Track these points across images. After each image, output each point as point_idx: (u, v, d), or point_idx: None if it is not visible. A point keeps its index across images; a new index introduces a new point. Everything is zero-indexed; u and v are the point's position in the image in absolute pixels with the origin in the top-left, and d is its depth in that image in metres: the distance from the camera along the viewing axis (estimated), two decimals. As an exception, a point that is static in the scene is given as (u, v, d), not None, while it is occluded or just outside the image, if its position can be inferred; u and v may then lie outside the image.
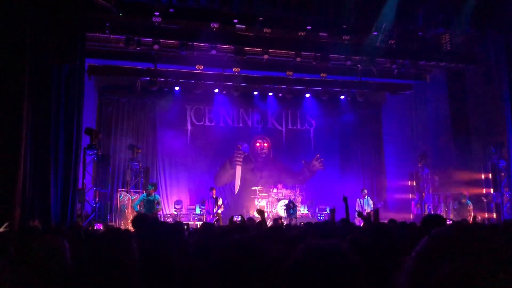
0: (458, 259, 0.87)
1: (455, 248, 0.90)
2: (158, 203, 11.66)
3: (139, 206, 11.50)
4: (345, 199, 6.18)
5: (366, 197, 13.62)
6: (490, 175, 12.88)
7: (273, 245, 2.59)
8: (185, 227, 5.10)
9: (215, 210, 12.49)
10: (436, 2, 12.08)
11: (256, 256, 1.66)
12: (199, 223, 12.56)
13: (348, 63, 13.31)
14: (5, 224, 5.68)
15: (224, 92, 15.22)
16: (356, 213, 8.25)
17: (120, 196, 13.10)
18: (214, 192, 12.93)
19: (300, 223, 11.02)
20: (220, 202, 12.66)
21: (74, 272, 2.66)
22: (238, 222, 6.67)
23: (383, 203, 15.49)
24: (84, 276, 2.33)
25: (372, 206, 13.37)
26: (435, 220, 3.60)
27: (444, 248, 0.91)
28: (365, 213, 12.79)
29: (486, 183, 13.06)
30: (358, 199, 13.73)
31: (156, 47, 12.04)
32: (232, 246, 1.72)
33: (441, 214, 12.41)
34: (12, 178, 8.48)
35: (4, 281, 2.67)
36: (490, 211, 12.60)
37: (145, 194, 11.74)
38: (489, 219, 12.40)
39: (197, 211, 14.61)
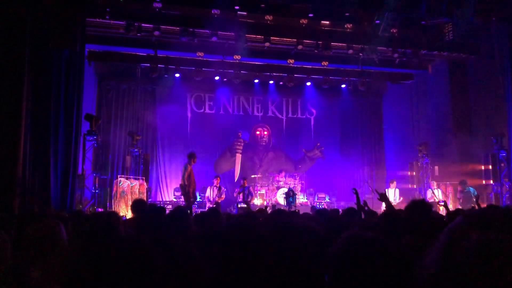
0: (484, 231, 0.96)
1: (483, 224, 1.00)
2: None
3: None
4: (355, 192, 6.17)
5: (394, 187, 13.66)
6: (490, 166, 12.88)
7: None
8: (188, 211, 5.12)
9: (214, 198, 12.47)
10: (440, -10, 11.98)
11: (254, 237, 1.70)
12: (198, 210, 12.58)
13: (350, 51, 13.24)
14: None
15: (225, 79, 15.17)
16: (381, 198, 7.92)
17: (119, 183, 13.09)
18: (218, 180, 12.90)
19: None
20: (223, 192, 12.63)
21: (71, 255, 2.66)
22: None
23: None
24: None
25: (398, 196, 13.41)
26: (420, 205, 3.52)
27: (473, 223, 1.02)
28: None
29: (486, 173, 13.07)
30: (386, 189, 13.81)
31: (156, 33, 11.94)
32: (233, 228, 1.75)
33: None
34: (11, 164, 8.47)
35: (5, 255, 2.69)
36: (489, 201, 12.61)
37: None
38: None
39: (197, 198, 14.61)
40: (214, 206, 12.07)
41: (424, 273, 1.02)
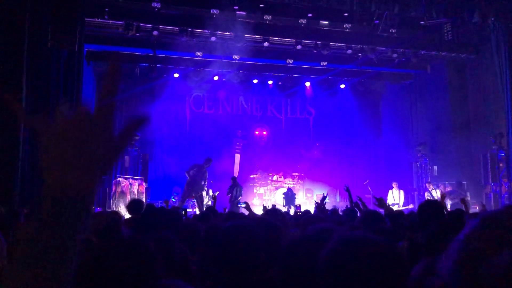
0: None
1: (507, 230, 0.83)
2: None
3: None
4: (347, 189, 6.17)
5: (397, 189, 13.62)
6: (489, 166, 12.87)
7: None
8: (183, 212, 5.14)
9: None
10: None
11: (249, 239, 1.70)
12: (197, 210, 12.62)
13: (349, 51, 13.24)
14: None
15: (224, 79, 15.16)
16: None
17: (118, 183, 13.08)
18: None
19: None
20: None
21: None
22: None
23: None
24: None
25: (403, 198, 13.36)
26: (433, 206, 3.56)
27: (499, 233, 0.84)
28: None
29: (485, 173, 13.06)
30: (390, 190, 13.77)
31: (155, 33, 11.94)
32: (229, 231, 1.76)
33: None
34: (9, 165, 8.45)
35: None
36: (488, 201, 12.61)
37: None
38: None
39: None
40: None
41: (436, 282, 0.95)
